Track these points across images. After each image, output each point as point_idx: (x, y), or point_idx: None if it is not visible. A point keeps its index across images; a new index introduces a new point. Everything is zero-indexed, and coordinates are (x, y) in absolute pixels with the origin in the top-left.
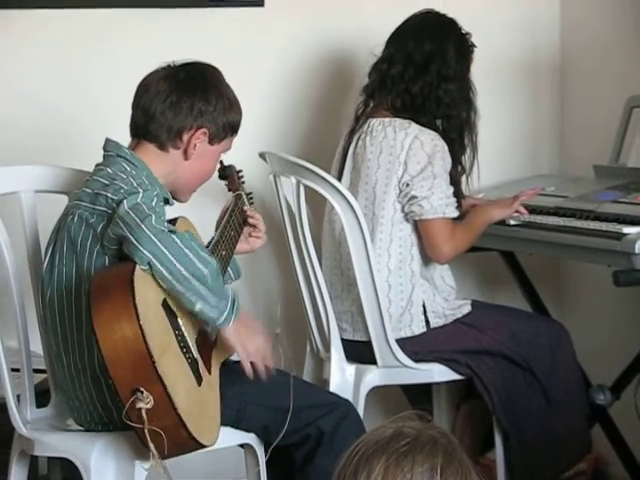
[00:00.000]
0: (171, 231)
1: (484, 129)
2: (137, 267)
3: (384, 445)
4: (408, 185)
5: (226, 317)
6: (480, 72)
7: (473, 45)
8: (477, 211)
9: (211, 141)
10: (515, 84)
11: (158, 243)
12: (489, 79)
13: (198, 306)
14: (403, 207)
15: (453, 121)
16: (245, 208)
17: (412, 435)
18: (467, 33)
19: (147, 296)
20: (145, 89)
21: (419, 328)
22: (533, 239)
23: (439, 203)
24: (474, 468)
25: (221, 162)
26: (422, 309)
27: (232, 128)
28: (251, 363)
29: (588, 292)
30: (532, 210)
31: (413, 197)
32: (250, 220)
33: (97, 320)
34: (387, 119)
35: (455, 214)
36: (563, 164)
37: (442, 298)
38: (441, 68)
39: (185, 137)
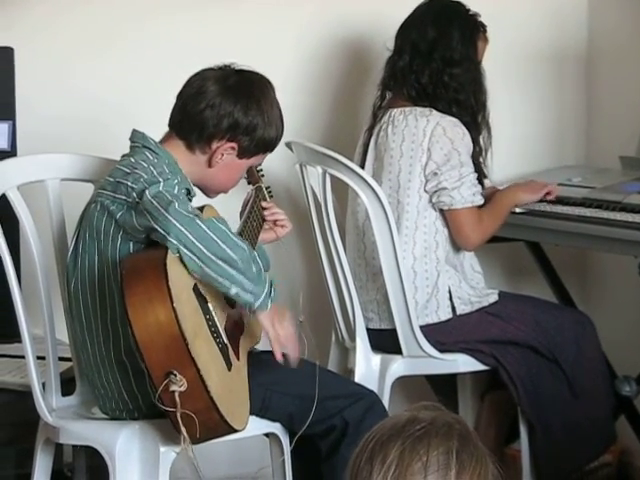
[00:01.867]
0: (196, 215)
1: (510, 119)
2: (169, 251)
3: (399, 430)
4: (436, 174)
5: (262, 302)
6: (506, 61)
7: (482, 25)
8: (503, 194)
9: (240, 155)
10: (541, 74)
11: (182, 228)
12: (515, 68)
13: (233, 290)
14: (431, 197)
15: (463, 104)
16: (263, 204)
17: (427, 420)
18: (475, 14)
19: (180, 279)
20: (191, 84)
21: (445, 314)
22: (559, 230)
23: (468, 192)
24: (489, 455)
25: None
26: (448, 295)
27: (266, 146)
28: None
29: (614, 283)
30: (559, 201)
31: (443, 188)
32: (269, 217)
33: (129, 302)
34: (407, 108)
35: (482, 201)
36: (589, 155)
37: (469, 286)
38: (446, 53)
39: (214, 145)
